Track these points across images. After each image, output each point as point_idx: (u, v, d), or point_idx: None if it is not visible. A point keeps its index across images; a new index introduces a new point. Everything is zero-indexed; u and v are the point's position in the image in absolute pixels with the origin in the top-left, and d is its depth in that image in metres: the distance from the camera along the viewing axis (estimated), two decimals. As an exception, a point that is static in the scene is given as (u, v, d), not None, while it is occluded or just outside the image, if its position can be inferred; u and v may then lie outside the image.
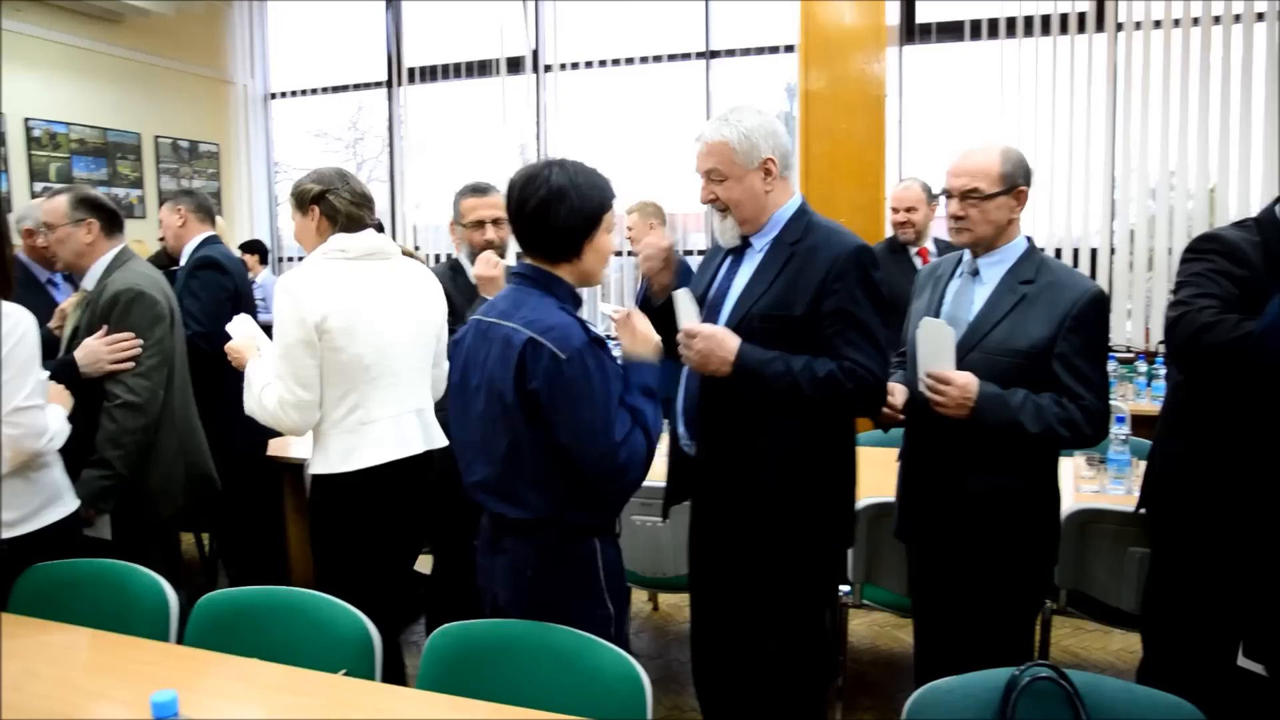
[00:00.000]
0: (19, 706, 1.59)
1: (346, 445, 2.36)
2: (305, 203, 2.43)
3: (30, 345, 2.14)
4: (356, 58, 7.66)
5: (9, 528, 2.17)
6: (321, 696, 1.59)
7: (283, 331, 2.30)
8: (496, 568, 1.90)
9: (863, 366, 2.01)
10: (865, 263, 2.04)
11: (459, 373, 1.92)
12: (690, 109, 6.66)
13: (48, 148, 6.38)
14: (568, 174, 1.84)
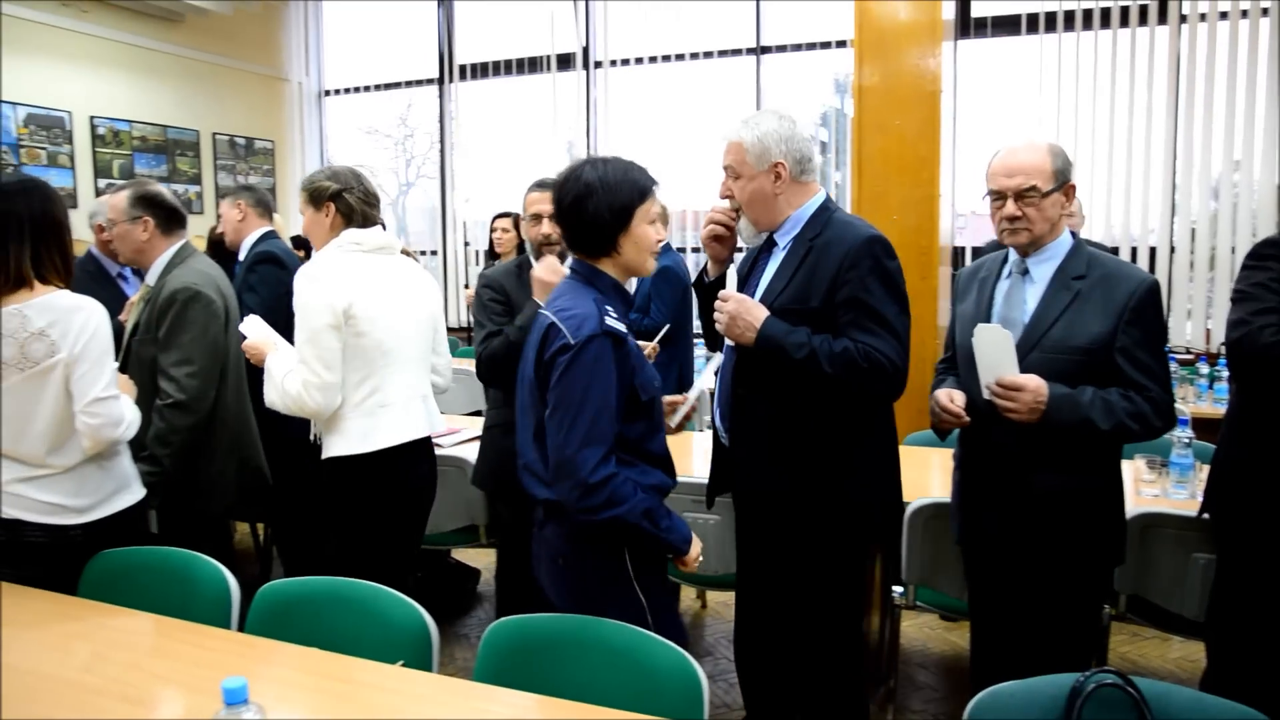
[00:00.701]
0: (90, 688, 1.63)
1: (365, 427, 2.48)
2: (321, 199, 2.53)
3: (104, 338, 2.21)
4: (408, 55, 7.75)
5: (82, 514, 2.24)
6: (381, 687, 1.62)
7: (308, 316, 2.41)
8: (541, 554, 1.97)
9: (878, 350, 2.05)
10: (878, 252, 2.10)
11: (531, 352, 1.98)
12: (741, 105, 6.63)
13: (111, 145, 6.54)
14: (598, 170, 1.91)
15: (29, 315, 2.12)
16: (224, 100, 7.43)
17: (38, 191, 2.24)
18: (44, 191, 2.25)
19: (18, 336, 2.12)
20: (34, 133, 6.04)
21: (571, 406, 1.78)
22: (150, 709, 1.55)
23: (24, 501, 2.20)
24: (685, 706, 1.55)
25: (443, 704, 1.55)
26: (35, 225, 2.19)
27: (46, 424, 2.18)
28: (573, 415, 1.77)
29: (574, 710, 1.51)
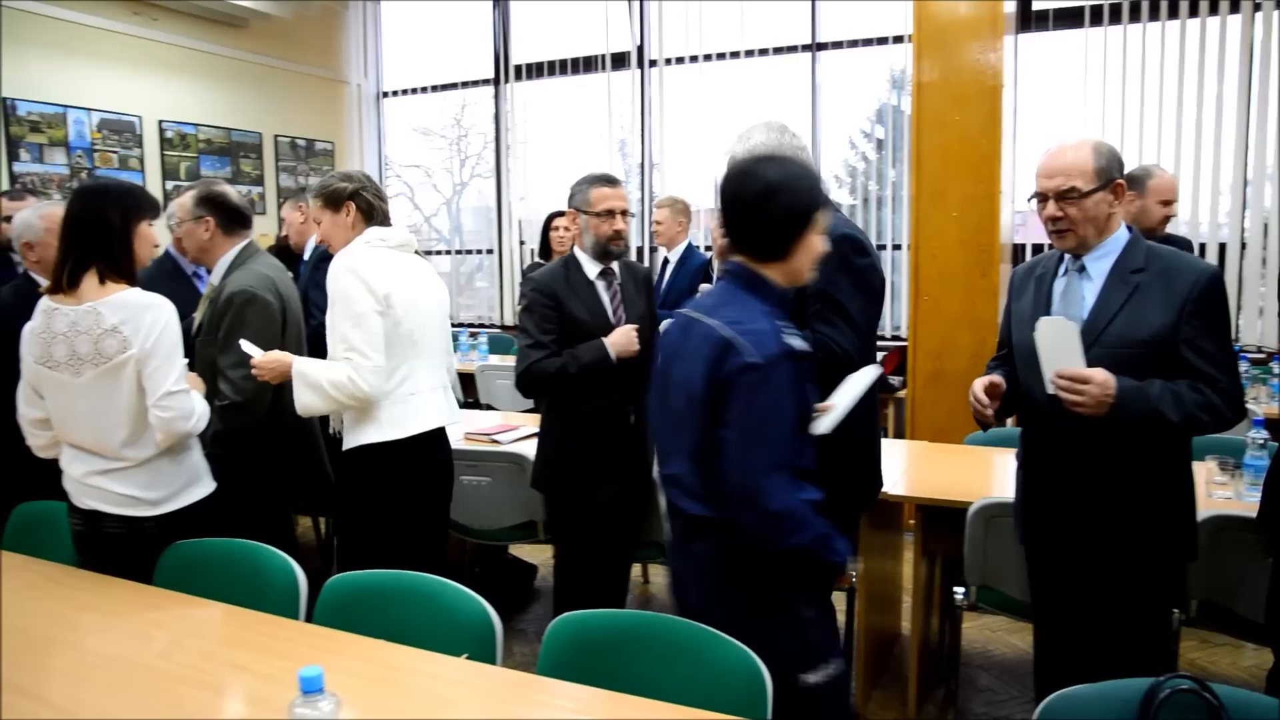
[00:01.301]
0: (169, 674, 1.69)
1: (398, 414, 2.58)
2: (340, 200, 2.61)
3: (174, 334, 2.27)
4: (464, 56, 7.84)
5: (155, 506, 2.31)
6: (447, 679, 1.64)
7: (353, 304, 2.48)
8: (686, 571, 1.92)
9: (827, 337, 2.22)
10: (846, 248, 2.21)
11: (663, 364, 1.95)
12: (796, 102, 6.59)
13: (178, 148, 6.72)
14: (784, 169, 1.83)
15: (102, 313, 2.20)
16: (285, 103, 7.58)
17: (102, 194, 2.33)
18: (110, 195, 2.33)
19: (92, 333, 2.20)
20: (106, 137, 6.22)
21: (756, 430, 1.71)
22: (227, 696, 1.59)
23: (102, 494, 2.29)
24: (749, 705, 1.55)
25: (508, 697, 1.57)
26: (103, 218, 2.29)
27: (121, 418, 2.25)
28: (757, 440, 1.71)
29: (638, 705, 1.51)
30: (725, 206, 1.86)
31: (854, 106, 6.63)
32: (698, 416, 1.79)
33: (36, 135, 5.84)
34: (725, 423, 1.73)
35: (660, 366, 1.95)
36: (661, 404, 1.94)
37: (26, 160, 5.79)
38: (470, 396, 5.43)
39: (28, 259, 3.01)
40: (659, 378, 1.96)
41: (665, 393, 1.91)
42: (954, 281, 4.62)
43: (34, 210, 3.03)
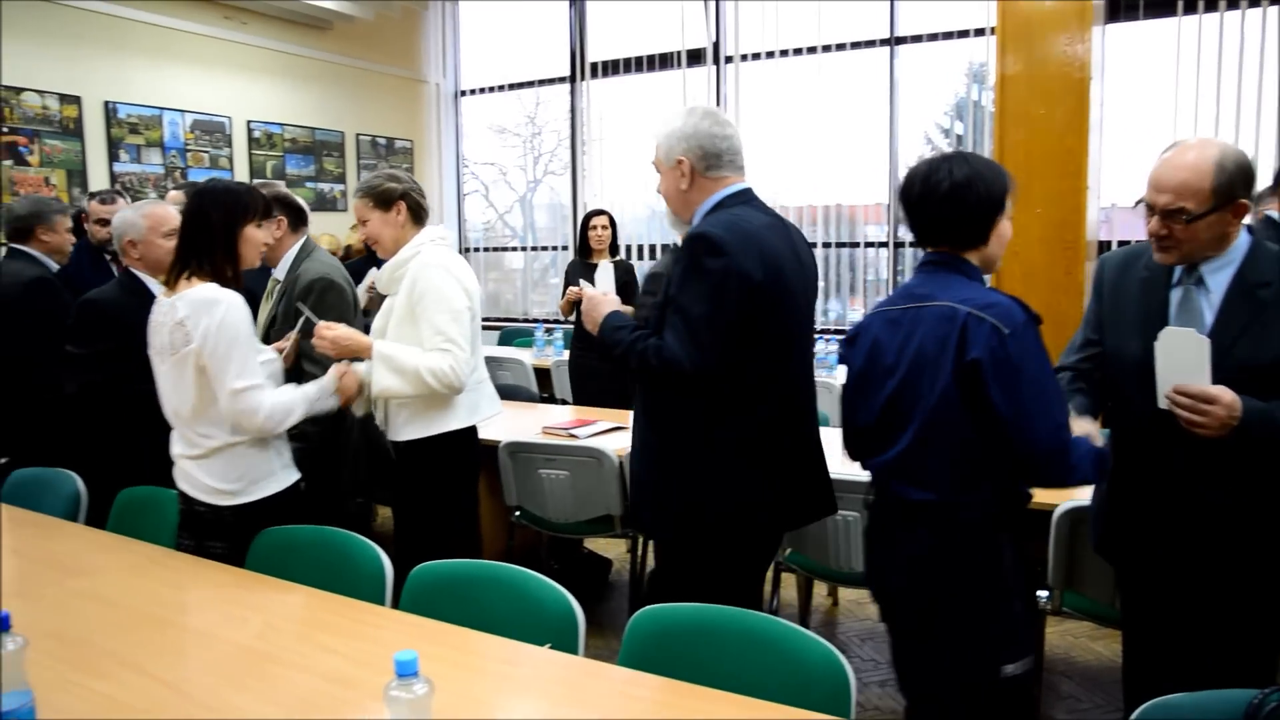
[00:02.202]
0: (265, 655, 1.75)
1: (472, 401, 2.74)
2: (391, 200, 2.69)
3: (234, 331, 2.29)
4: (541, 54, 7.92)
5: (229, 497, 2.38)
6: (532, 668, 1.67)
7: (449, 300, 2.59)
8: (891, 559, 1.95)
9: (667, 348, 2.04)
10: (698, 249, 2.06)
11: (862, 360, 1.99)
12: (873, 98, 6.51)
13: (265, 147, 6.93)
14: (971, 163, 1.89)
15: (177, 306, 2.30)
16: (366, 102, 7.76)
17: (208, 195, 2.43)
18: (214, 196, 2.43)
19: (166, 324, 2.31)
20: (198, 137, 6.46)
21: (1040, 394, 1.76)
22: (320, 677, 1.64)
23: (188, 478, 2.40)
24: (832, 703, 1.54)
25: (591, 687, 1.59)
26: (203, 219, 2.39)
27: (191, 407, 2.35)
28: (1045, 404, 1.76)
29: (721, 699, 1.52)
30: (915, 202, 1.93)
31: (931, 101, 6.52)
32: (939, 396, 1.82)
33: (135, 137, 6.09)
34: (990, 398, 1.76)
35: (862, 363, 1.99)
36: (863, 398, 1.98)
37: (126, 161, 6.04)
38: (545, 391, 5.49)
39: (130, 256, 3.06)
40: (860, 376, 1.99)
41: (870, 384, 1.96)
42: (1037, 280, 4.52)
43: (135, 209, 3.09)
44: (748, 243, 2.06)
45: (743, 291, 2.04)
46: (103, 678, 1.64)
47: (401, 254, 2.69)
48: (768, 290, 2.08)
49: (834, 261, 6.84)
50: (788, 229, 2.24)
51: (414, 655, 1.21)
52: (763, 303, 2.07)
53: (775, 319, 2.12)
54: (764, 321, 2.09)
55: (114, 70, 5.98)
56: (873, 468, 2.00)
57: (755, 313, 2.07)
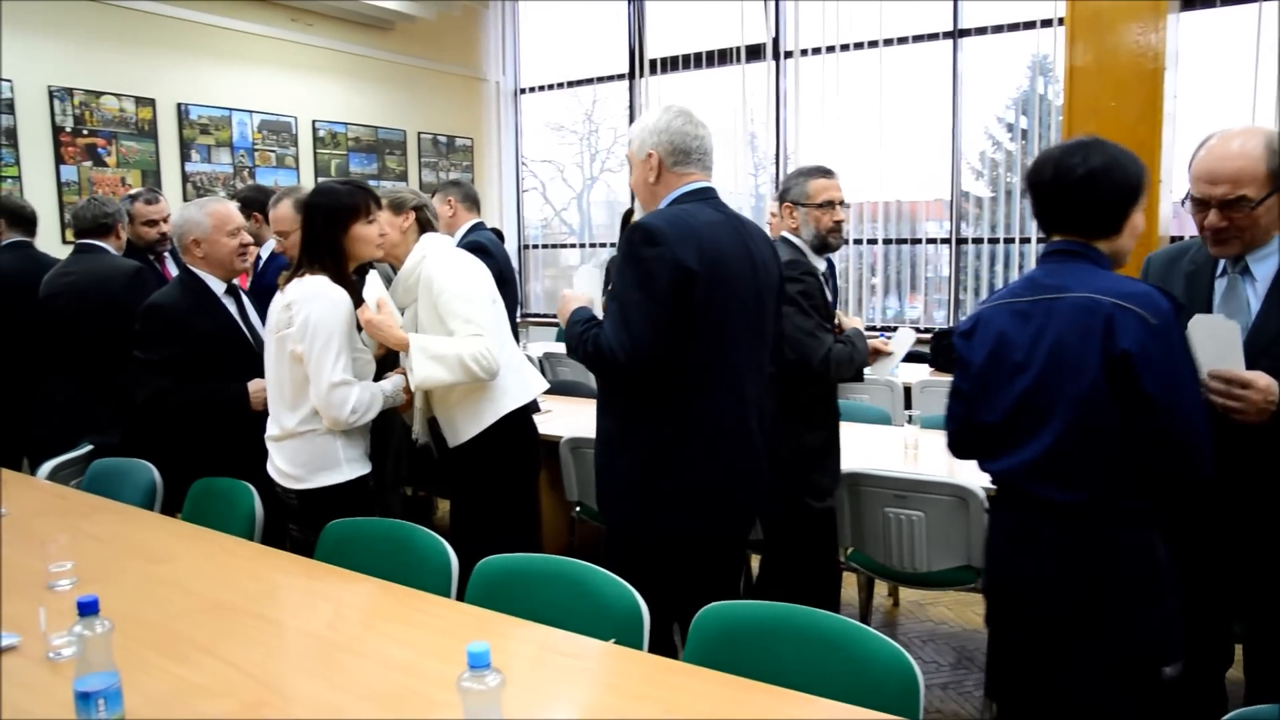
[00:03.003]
0: (336, 644, 1.78)
1: (520, 381, 2.81)
2: (402, 208, 2.76)
3: (329, 327, 2.44)
4: (599, 51, 7.95)
5: (296, 481, 2.53)
6: (597, 662, 1.68)
7: (465, 291, 2.65)
8: (1036, 563, 1.86)
9: (603, 337, 2.12)
10: (636, 240, 2.11)
11: (984, 356, 1.91)
12: (935, 91, 6.42)
13: (330, 146, 7.06)
14: (1108, 149, 1.82)
15: (289, 291, 2.48)
16: (428, 101, 7.87)
17: (322, 195, 2.58)
18: (316, 198, 2.57)
19: (278, 306, 2.50)
20: (266, 137, 6.61)
21: (1191, 386, 1.73)
22: (391, 667, 1.67)
23: (271, 460, 2.58)
24: (900, 704, 1.52)
25: (658, 682, 1.59)
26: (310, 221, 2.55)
27: (282, 388, 2.53)
28: (1194, 393, 1.74)
29: (787, 697, 1.51)
30: (1046, 187, 1.86)
31: (993, 95, 6.40)
32: (1084, 390, 1.75)
33: (205, 137, 6.26)
34: (1145, 390, 1.70)
35: (984, 358, 1.91)
36: (989, 394, 1.90)
37: (197, 161, 6.20)
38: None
39: (193, 255, 2.99)
40: (982, 370, 1.91)
41: (998, 379, 1.88)
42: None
43: (198, 208, 3.01)
44: (686, 234, 2.11)
45: (677, 280, 2.08)
46: (182, 662, 1.69)
47: (408, 263, 2.74)
48: (705, 281, 2.10)
49: (893, 258, 6.76)
50: (742, 226, 2.30)
51: (486, 647, 1.22)
52: (699, 293, 2.10)
53: (713, 310, 2.14)
54: (702, 312, 2.12)
55: (186, 73, 6.15)
56: (1002, 469, 1.90)
57: (691, 303, 2.10)
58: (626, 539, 2.31)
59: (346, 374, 2.45)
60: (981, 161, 6.51)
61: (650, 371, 2.12)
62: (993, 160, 6.45)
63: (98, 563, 2.22)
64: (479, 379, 2.61)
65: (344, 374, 2.44)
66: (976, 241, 6.47)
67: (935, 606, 3.98)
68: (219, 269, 3.01)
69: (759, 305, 2.29)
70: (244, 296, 3.12)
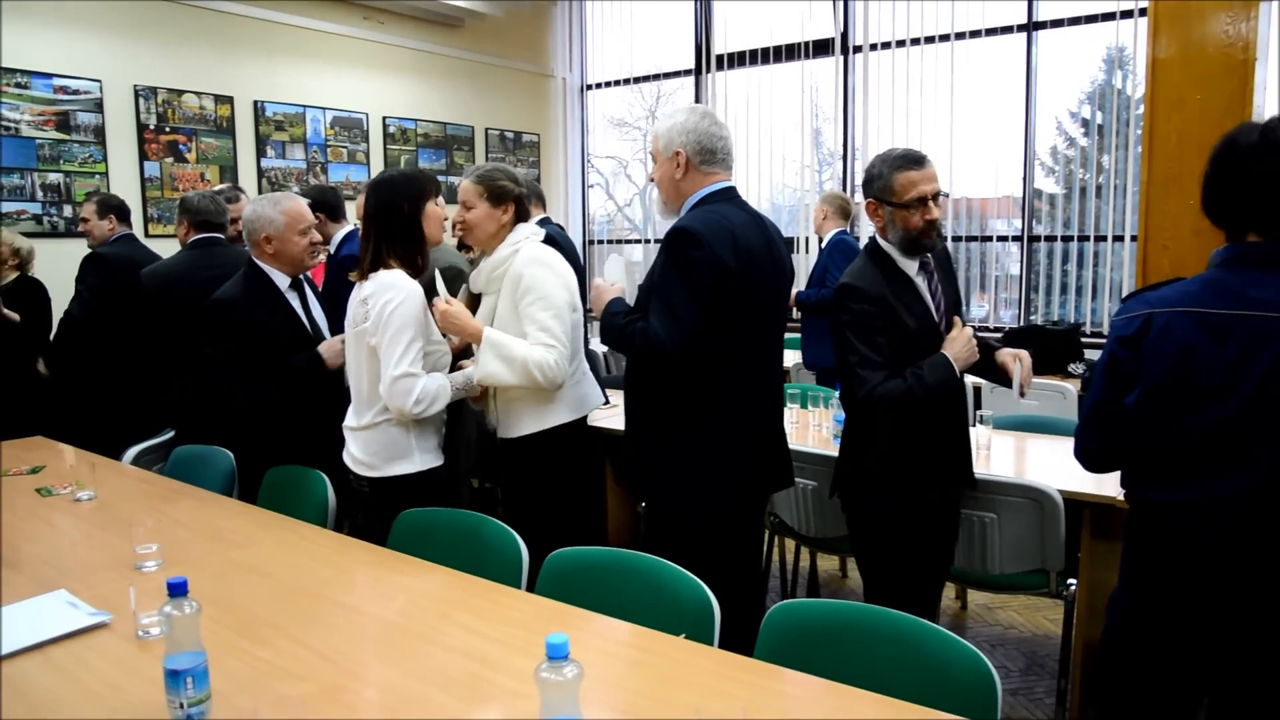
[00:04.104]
0: (411, 632, 1.81)
1: (579, 395, 2.80)
2: (505, 198, 2.70)
3: (400, 320, 2.47)
4: (666, 46, 7.95)
5: (368, 469, 2.58)
6: (669, 657, 1.67)
7: (552, 298, 2.61)
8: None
9: (651, 329, 2.28)
10: (679, 241, 2.27)
11: (1161, 371, 1.70)
12: (1008, 85, 6.28)
13: (399, 142, 7.17)
14: None
15: (365, 286, 2.53)
16: (496, 97, 7.95)
17: (384, 185, 2.60)
18: (389, 185, 2.59)
19: (356, 300, 2.56)
20: (338, 133, 6.74)
21: None
22: (466, 656, 1.69)
23: (348, 449, 2.64)
24: (978, 708, 1.49)
25: (733, 679, 1.58)
26: (384, 214, 2.57)
27: (359, 378, 2.60)
28: None
29: (862, 698, 1.49)
30: (1230, 180, 1.67)
31: (1066, 89, 6.23)
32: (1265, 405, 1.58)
33: (280, 134, 6.40)
34: None
35: (1161, 376, 1.70)
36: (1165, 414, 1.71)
37: (272, 156, 6.35)
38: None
39: (263, 251, 2.98)
40: (1161, 388, 1.70)
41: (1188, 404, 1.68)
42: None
43: (270, 204, 2.99)
44: (723, 235, 2.29)
45: (717, 278, 2.27)
46: (263, 644, 1.73)
47: (500, 253, 2.71)
48: (740, 278, 2.31)
49: (960, 257, 6.63)
50: (765, 225, 2.46)
51: (565, 638, 1.23)
52: (735, 289, 2.31)
53: (746, 304, 2.35)
54: (736, 307, 2.32)
55: (263, 71, 6.30)
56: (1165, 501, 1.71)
57: (728, 298, 2.30)
58: (662, 522, 2.49)
59: (414, 366, 2.48)
60: (1053, 157, 6.36)
61: (692, 360, 2.29)
62: (1065, 156, 6.29)
63: (181, 546, 2.29)
64: (540, 386, 2.62)
65: (410, 366, 2.47)
66: (1049, 239, 6.32)
67: (1004, 610, 3.90)
68: (288, 266, 3.01)
69: (779, 298, 2.52)
70: (308, 291, 3.13)
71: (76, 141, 5.43)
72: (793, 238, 7.06)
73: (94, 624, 1.81)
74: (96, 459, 3.12)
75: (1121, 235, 5.96)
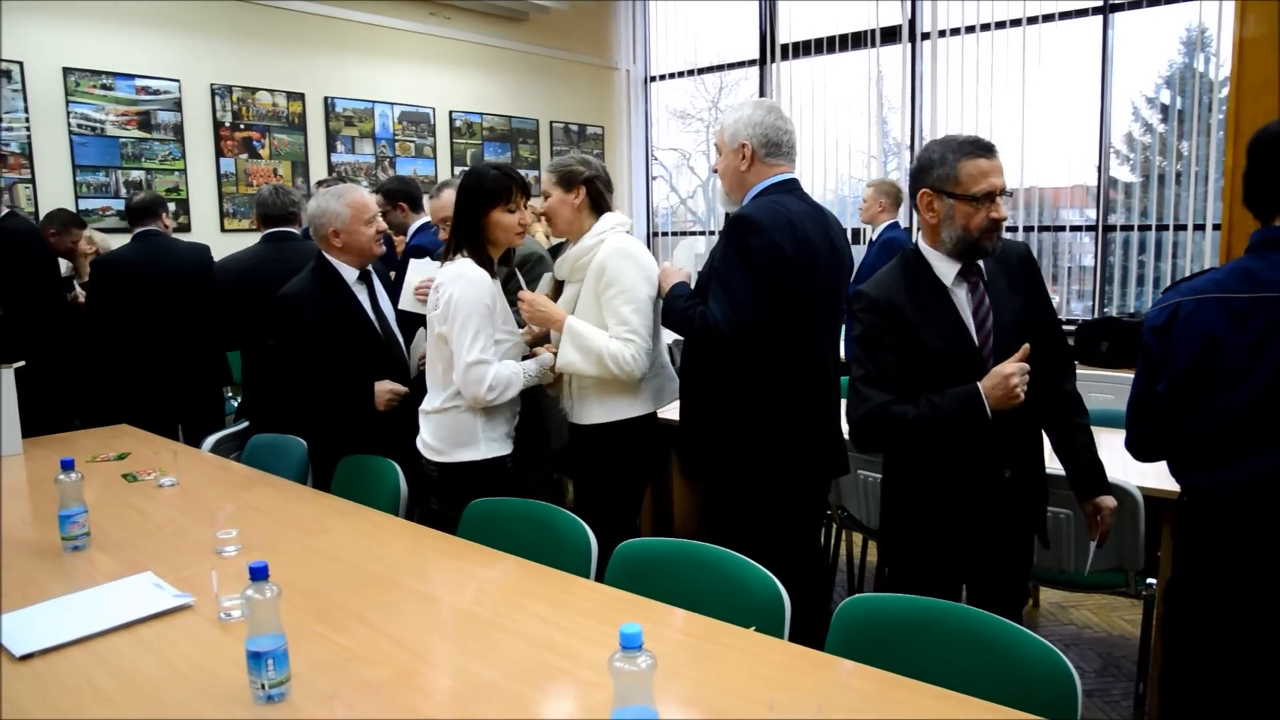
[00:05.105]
0: (482, 619, 1.83)
1: (656, 387, 2.79)
2: (574, 181, 2.71)
3: (465, 307, 2.52)
4: (730, 37, 7.90)
5: (436, 454, 2.63)
6: (740, 650, 1.66)
7: (636, 289, 2.62)
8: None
9: (709, 313, 2.36)
10: (740, 229, 2.36)
11: (1187, 359, 1.72)
12: (1082, 70, 6.10)
13: (465, 136, 7.26)
14: None
15: (440, 274, 2.61)
16: (560, 90, 7.99)
17: (462, 188, 2.66)
18: (465, 191, 2.64)
19: (431, 284, 2.65)
20: (405, 128, 6.84)
21: None
22: (535, 644, 1.70)
23: (420, 433, 2.69)
24: (1056, 709, 1.46)
25: (805, 673, 1.57)
26: (457, 214, 2.65)
27: (433, 364, 2.66)
28: None
29: (937, 695, 1.46)
30: (1262, 168, 1.68)
31: (1141, 73, 6.03)
32: None
33: (350, 129, 6.52)
34: None
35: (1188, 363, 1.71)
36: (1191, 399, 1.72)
37: (342, 151, 6.47)
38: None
39: (332, 245, 2.98)
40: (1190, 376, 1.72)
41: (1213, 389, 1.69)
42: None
43: (335, 198, 2.98)
44: (782, 224, 2.36)
45: (776, 264, 2.34)
46: (340, 630, 1.77)
47: (585, 242, 2.72)
48: (799, 266, 2.37)
49: (1033, 248, 6.47)
50: (824, 216, 2.53)
51: (639, 628, 1.22)
52: (793, 277, 2.37)
53: (804, 292, 2.42)
54: (794, 294, 2.39)
55: (332, 68, 6.42)
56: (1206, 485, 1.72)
57: (787, 285, 2.37)
58: (720, 504, 2.58)
59: (485, 353, 2.52)
60: (1128, 145, 6.17)
61: (747, 344, 2.36)
62: (1142, 143, 6.09)
63: (259, 532, 2.35)
64: (616, 378, 2.64)
65: (482, 353, 2.51)
66: (1125, 229, 6.14)
67: (1079, 610, 3.81)
68: (356, 257, 3.02)
69: (836, 286, 2.56)
70: (376, 283, 3.12)
71: (157, 140, 5.61)
72: (858, 229, 6.97)
73: (179, 605, 1.87)
74: (179, 447, 3.21)
75: (1202, 224, 5.76)
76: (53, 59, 5.21)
